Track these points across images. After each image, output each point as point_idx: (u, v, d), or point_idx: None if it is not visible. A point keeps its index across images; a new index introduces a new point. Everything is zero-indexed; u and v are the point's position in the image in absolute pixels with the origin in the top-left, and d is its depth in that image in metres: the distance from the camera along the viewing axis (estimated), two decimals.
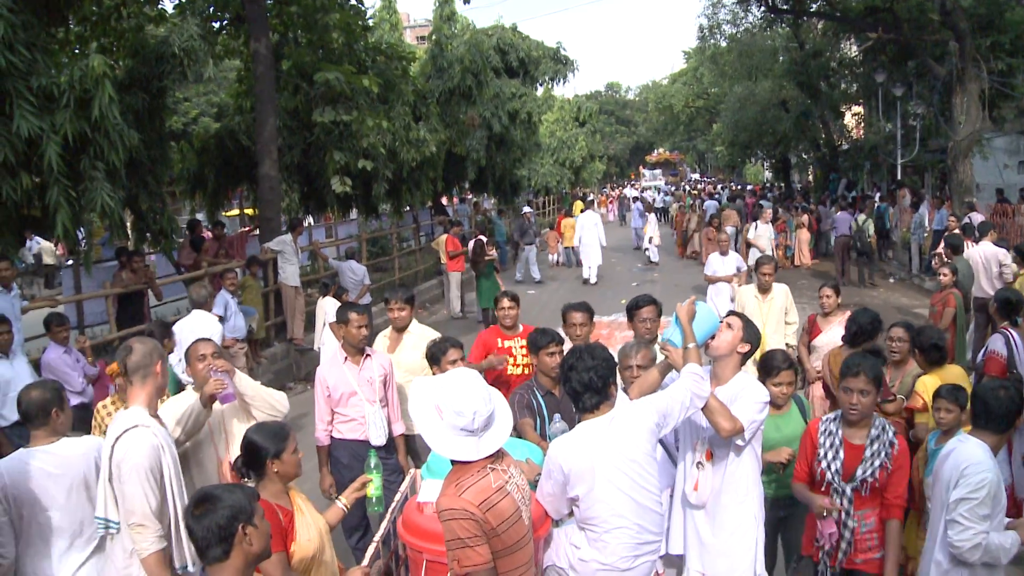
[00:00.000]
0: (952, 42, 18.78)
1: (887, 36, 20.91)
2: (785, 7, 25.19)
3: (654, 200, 42.97)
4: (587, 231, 21.67)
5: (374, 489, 4.08)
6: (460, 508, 3.04)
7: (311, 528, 3.63)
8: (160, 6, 13.44)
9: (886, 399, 5.61)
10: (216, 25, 15.11)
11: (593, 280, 21.11)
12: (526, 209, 24.72)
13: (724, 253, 11.91)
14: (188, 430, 4.33)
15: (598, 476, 3.60)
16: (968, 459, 3.84)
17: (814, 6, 25.66)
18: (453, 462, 3.20)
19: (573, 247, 23.95)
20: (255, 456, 3.57)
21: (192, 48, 11.59)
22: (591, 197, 35.19)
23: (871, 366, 4.23)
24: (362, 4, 16.80)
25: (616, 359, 4.28)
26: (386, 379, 5.73)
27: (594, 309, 6.13)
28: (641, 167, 72.32)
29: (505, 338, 6.45)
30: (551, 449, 3.76)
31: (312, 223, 22.00)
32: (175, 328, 7.98)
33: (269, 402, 4.73)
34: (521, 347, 6.25)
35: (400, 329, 6.45)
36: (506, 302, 6.59)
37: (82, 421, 7.66)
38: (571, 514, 3.82)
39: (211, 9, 14.79)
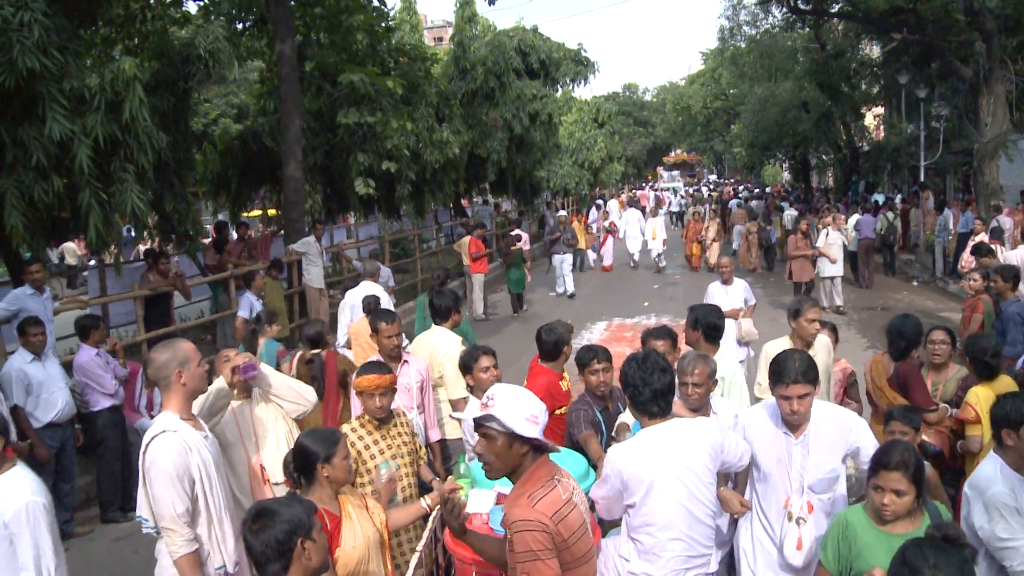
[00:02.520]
0: (979, 43, 18.58)
1: (912, 37, 20.71)
2: (807, 8, 24.99)
3: (669, 203, 42.59)
4: (631, 225, 24.09)
5: (463, 496, 4.03)
6: (535, 519, 2.96)
7: (358, 536, 3.59)
8: (184, 7, 13.48)
9: (928, 408, 5.51)
10: (240, 26, 15.13)
11: (635, 264, 23.59)
12: (561, 212, 23.41)
13: (727, 281, 9.66)
14: (208, 406, 4.31)
15: (656, 485, 3.56)
16: (976, 478, 3.86)
17: (836, 7, 25.42)
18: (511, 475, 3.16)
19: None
20: (306, 460, 3.56)
21: (217, 49, 11.62)
22: (602, 200, 34.99)
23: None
24: (384, 5, 16.80)
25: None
26: (423, 385, 5.70)
27: (617, 311, 6.01)
28: (659, 168, 72.14)
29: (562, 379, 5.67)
30: (610, 454, 3.72)
31: (334, 224, 21.93)
32: (347, 295, 10.21)
33: (297, 391, 4.70)
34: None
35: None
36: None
37: (114, 423, 7.69)
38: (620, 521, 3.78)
39: (234, 11, 14.82)
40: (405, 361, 5.71)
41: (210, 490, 3.83)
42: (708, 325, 5.67)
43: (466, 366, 5.40)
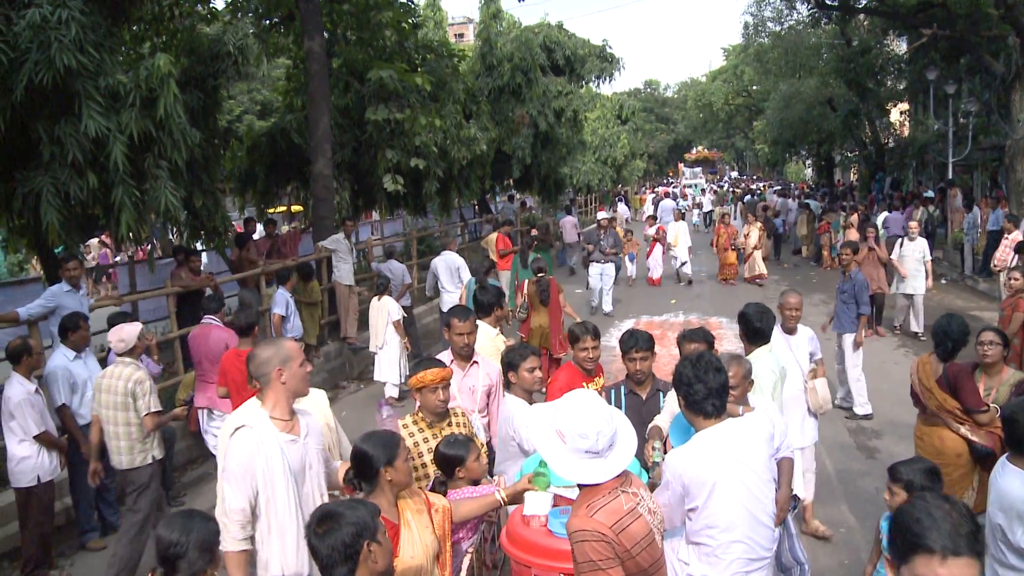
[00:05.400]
0: (1012, 37, 18.33)
1: (941, 32, 20.45)
2: (833, 3, 24.79)
3: (701, 203, 42.04)
4: (667, 212, 23.78)
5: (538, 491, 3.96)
6: (592, 530, 2.97)
7: (416, 545, 3.50)
8: (212, 4, 13.50)
9: (979, 409, 5.44)
10: (267, 23, 15.12)
11: (690, 273, 20.64)
12: (602, 215, 20.04)
13: (791, 329, 6.80)
14: None
15: (718, 487, 3.51)
16: (1009, 500, 3.74)
17: (863, 2, 25.20)
18: (580, 486, 3.14)
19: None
20: (366, 466, 3.47)
21: (246, 46, 11.65)
22: (622, 198, 34.60)
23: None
24: (412, 1, 16.76)
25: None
26: (491, 390, 5.55)
27: (645, 309, 5.96)
28: (680, 165, 71.88)
29: (588, 381, 5.58)
30: (670, 458, 3.68)
31: (358, 220, 21.92)
32: (434, 262, 13.49)
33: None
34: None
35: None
36: (589, 340, 5.50)
37: None
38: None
39: (262, 8, 14.82)
40: (475, 362, 5.56)
41: (273, 495, 3.70)
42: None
43: (512, 364, 5.29)
